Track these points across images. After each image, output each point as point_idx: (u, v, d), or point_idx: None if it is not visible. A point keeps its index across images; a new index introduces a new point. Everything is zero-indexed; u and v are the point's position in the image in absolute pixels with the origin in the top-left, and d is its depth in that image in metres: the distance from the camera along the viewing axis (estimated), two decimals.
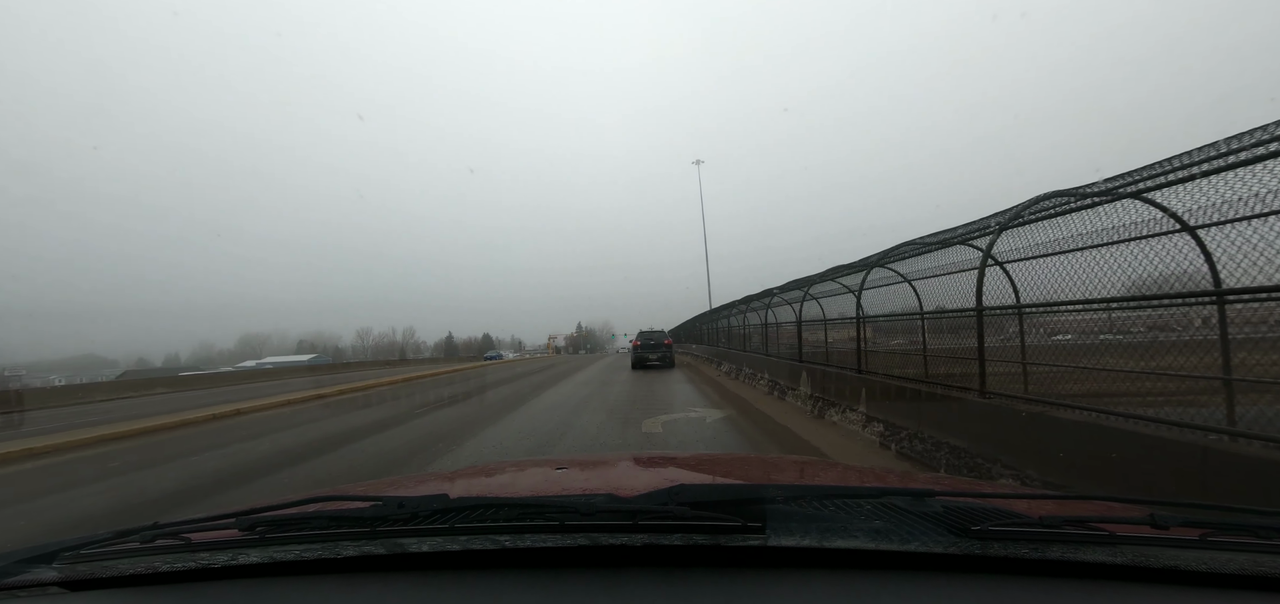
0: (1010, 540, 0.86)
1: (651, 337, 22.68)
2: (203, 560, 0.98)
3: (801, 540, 0.88)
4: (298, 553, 0.98)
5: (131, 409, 15.65)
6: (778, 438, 7.21)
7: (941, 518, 0.89)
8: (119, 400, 20.57)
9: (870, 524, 0.90)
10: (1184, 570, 0.81)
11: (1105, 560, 0.83)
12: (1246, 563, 0.81)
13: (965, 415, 4.97)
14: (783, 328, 14.44)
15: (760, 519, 0.91)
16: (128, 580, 0.99)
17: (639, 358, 21.94)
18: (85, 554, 1.02)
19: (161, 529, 1.05)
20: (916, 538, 0.87)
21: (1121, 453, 3.27)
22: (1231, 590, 0.80)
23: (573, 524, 0.94)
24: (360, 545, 0.97)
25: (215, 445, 8.56)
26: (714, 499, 0.97)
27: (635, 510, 0.94)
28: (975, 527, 0.87)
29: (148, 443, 9.29)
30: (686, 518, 0.92)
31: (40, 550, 1.03)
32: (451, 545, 0.94)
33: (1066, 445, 3.70)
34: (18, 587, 0.98)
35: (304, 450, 7.66)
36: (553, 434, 8.03)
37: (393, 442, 7.97)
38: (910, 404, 5.96)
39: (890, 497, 0.97)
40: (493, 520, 0.97)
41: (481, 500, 1.02)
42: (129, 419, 12.25)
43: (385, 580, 0.93)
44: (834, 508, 0.95)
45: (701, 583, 0.86)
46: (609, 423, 8.76)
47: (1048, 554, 0.84)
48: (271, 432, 9.65)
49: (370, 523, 0.99)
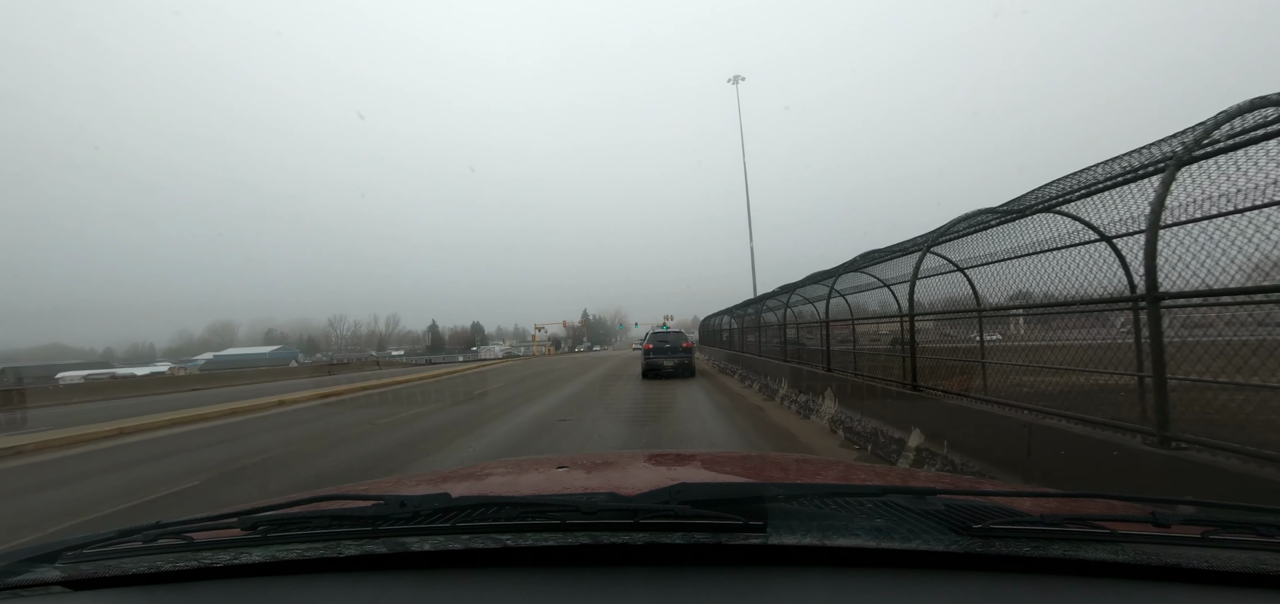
0: (1012, 538, 0.86)
1: (667, 339, 18.52)
2: (205, 559, 0.99)
3: (803, 539, 0.88)
4: (300, 552, 0.98)
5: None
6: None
7: (943, 516, 0.89)
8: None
9: (872, 523, 0.90)
10: (1186, 568, 0.81)
11: (1107, 558, 0.83)
12: (1248, 561, 0.81)
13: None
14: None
15: (762, 518, 0.91)
16: (130, 579, 0.99)
17: (651, 364, 17.82)
18: (88, 553, 1.02)
19: (164, 528, 1.06)
20: (918, 536, 0.87)
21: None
22: (1233, 588, 0.80)
23: (574, 523, 0.94)
24: (362, 544, 0.97)
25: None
26: (715, 498, 0.97)
27: (636, 509, 0.94)
28: (977, 525, 0.87)
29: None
30: (688, 517, 0.92)
31: (43, 549, 1.04)
32: (453, 544, 0.94)
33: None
34: (21, 586, 0.99)
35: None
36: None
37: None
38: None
39: (891, 495, 0.97)
40: (494, 519, 0.97)
41: (483, 499, 1.02)
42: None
43: (387, 579, 0.93)
44: (835, 506, 0.95)
45: (703, 582, 0.86)
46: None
47: (1049, 552, 0.84)
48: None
49: (372, 522, 0.99)
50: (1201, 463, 2.86)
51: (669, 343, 18.33)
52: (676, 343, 18.31)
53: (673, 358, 17.83)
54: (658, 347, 18.26)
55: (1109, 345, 4.98)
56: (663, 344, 18.31)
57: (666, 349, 18.05)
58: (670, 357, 17.86)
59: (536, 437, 8.64)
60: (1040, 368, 4.88)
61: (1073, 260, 4.42)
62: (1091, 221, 4.33)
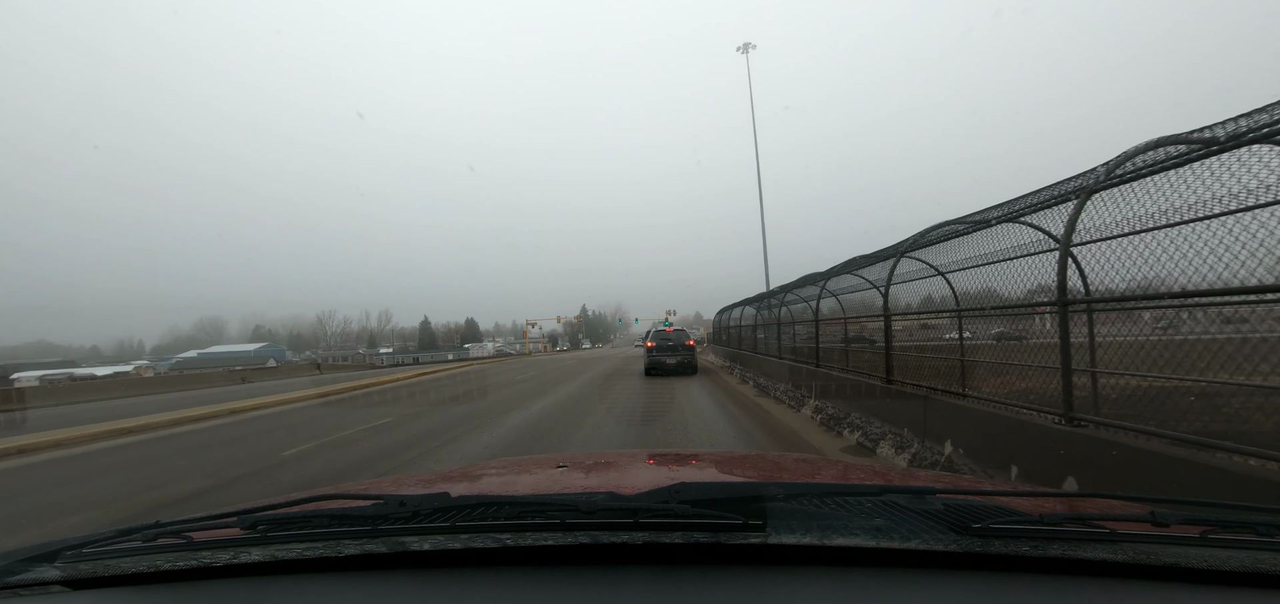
0: (1011, 538, 0.86)
1: (669, 338, 18.91)
2: (205, 559, 0.99)
3: (802, 538, 0.88)
4: (299, 551, 0.98)
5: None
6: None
7: (942, 516, 0.89)
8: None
9: (871, 522, 0.90)
10: (1184, 568, 0.81)
11: (1106, 558, 0.83)
12: (1247, 560, 0.81)
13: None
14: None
15: (761, 517, 0.91)
16: (130, 579, 0.99)
17: (654, 361, 18.23)
18: (87, 553, 1.02)
19: (164, 528, 1.06)
20: (917, 535, 0.87)
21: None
22: (1232, 587, 0.80)
23: (574, 522, 0.94)
24: (362, 544, 0.97)
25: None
26: (715, 497, 0.97)
27: (636, 508, 0.94)
28: (976, 524, 0.87)
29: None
30: (687, 516, 0.92)
31: (42, 549, 1.04)
32: (453, 544, 0.94)
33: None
34: (20, 586, 0.99)
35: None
36: None
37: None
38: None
39: (891, 494, 0.97)
40: (494, 519, 0.97)
41: (483, 499, 1.02)
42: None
43: (387, 579, 0.93)
44: (835, 506, 0.95)
45: (703, 581, 0.86)
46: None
47: (1048, 551, 0.85)
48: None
49: (372, 521, 0.99)
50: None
51: (671, 341, 18.78)
52: (679, 341, 18.75)
53: (675, 355, 18.20)
54: (660, 344, 18.69)
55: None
56: (665, 342, 18.73)
57: (669, 347, 18.48)
58: (673, 354, 18.26)
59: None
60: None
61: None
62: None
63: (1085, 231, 4.08)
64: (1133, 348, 4.04)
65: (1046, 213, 4.72)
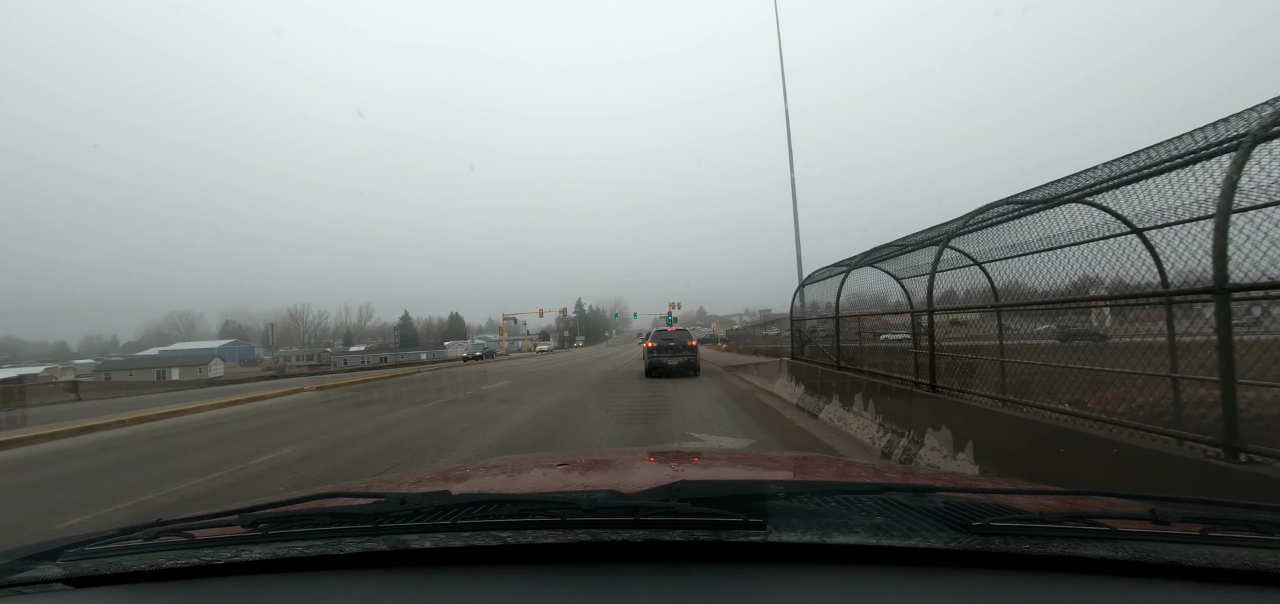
0: (1011, 536, 0.86)
1: (671, 338, 18.25)
2: (206, 557, 0.99)
3: (803, 536, 0.88)
4: (301, 549, 0.98)
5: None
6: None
7: (942, 514, 0.89)
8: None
9: (871, 520, 0.90)
10: (1185, 566, 0.81)
11: (1106, 556, 0.83)
12: (1247, 558, 0.81)
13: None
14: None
15: (762, 515, 0.91)
16: (131, 577, 1.00)
17: (655, 362, 17.75)
18: (89, 551, 1.02)
19: (165, 526, 1.06)
20: (917, 533, 0.87)
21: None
22: (1232, 586, 0.80)
23: (574, 521, 0.94)
24: (363, 542, 0.97)
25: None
26: (715, 495, 0.97)
27: (637, 506, 0.94)
28: (976, 522, 0.87)
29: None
30: (688, 514, 0.92)
31: (44, 547, 1.04)
32: (454, 542, 0.94)
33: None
34: (22, 584, 0.99)
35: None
36: None
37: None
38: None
39: (891, 492, 0.97)
40: (495, 517, 0.97)
41: (484, 497, 1.03)
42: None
43: (388, 577, 0.93)
44: (835, 504, 0.95)
45: (703, 579, 0.86)
46: None
47: (1049, 550, 0.85)
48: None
49: (373, 519, 0.99)
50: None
51: (673, 342, 18.14)
52: (681, 341, 18.18)
53: (677, 356, 17.67)
54: (661, 345, 18.07)
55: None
56: (667, 342, 18.10)
57: (671, 348, 17.90)
58: (675, 355, 17.69)
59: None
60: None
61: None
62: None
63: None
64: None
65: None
